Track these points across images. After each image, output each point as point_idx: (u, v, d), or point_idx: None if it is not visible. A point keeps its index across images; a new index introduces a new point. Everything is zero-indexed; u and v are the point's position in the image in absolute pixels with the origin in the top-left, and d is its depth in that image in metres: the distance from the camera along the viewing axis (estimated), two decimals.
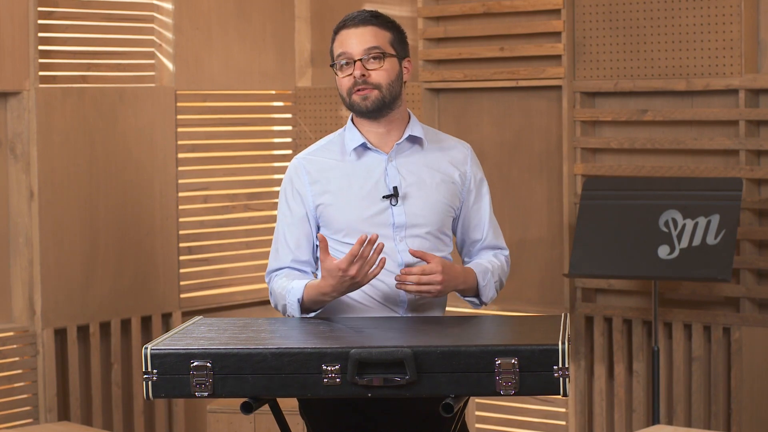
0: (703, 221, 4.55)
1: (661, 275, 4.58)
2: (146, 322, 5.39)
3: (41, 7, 5.04)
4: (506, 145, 5.39)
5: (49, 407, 5.03)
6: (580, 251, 4.73)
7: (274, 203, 5.83)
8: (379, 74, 3.12)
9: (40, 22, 5.02)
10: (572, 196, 5.15)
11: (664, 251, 4.60)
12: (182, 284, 5.52)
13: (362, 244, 2.93)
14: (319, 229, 3.19)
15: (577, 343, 5.17)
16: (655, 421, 4.73)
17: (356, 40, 3.13)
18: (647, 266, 4.59)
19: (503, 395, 2.64)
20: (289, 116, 6.01)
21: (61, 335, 5.11)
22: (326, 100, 5.90)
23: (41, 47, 5.04)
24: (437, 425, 2.93)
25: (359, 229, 3.10)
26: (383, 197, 3.14)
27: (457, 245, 3.33)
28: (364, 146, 3.19)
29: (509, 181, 5.38)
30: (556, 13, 5.18)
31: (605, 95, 5.13)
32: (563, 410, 5.27)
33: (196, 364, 2.70)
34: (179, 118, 5.51)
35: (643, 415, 5.05)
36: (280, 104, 6.01)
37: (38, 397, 5.03)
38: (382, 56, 3.13)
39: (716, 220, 4.53)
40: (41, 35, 5.04)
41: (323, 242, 2.99)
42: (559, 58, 5.17)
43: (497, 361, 2.64)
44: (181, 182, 5.52)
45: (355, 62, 3.12)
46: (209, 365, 2.70)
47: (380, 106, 3.14)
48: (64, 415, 5.13)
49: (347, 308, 3.14)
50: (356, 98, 3.13)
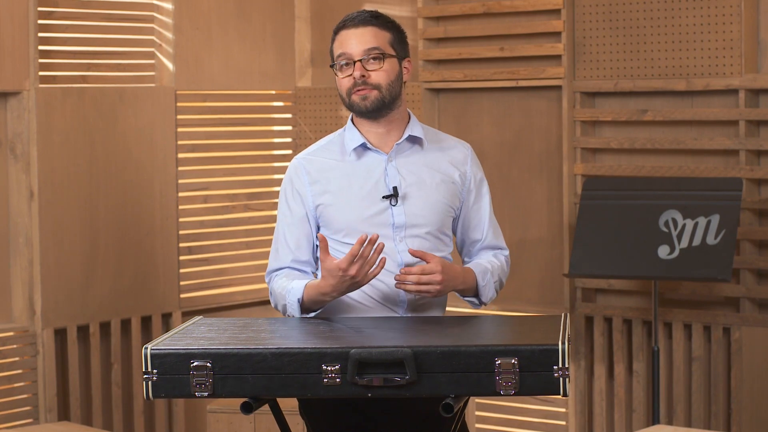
0: (703, 221, 4.55)
1: (661, 275, 4.58)
2: (146, 322, 5.39)
3: (41, 7, 5.04)
4: (506, 145, 5.39)
5: (49, 407, 5.03)
6: (580, 251, 4.73)
7: (274, 203, 5.83)
8: (378, 75, 3.12)
9: (40, 22, 5.02)
10: (572, 196, 5.15)
11: (664, 251, 4.59)
12: (182, 284, 5.52)
13: (362, 243, 2.93)
14: (319, 229, 3.20)
15: (577, 343, 5.17)
16: (655, 421, 4.73)
17: (356, 40, 3.13)
18: (647, 266, 4.59)
19: (503, 395, 2.64)
20: (289, 116, 6.01)
21: (61, 335, 5.11)
22: (326, 100, 5.90)
23: (41, 47, 5.04)
24: (437, 425, 2.93)
25: (359, 229, 3.10)
26: (383, 197, 3.14)
27: (457, 245, 3.33)
28: (363, 146, 3.19)
29: (509, 181, 5.38)
30: (556, 13, 5.18)
31: (605, 95, 5.13)
32: (563, 410, 5.27)
33: (196, 364, 2.70)
34: (179, 118, 5.51)
35: (643, 415, 5.05)
36: (280, 104, 6.01)
37: (38, 397, 5.03)
38: (381, 57, 3.13)
39: (716, 220, 4.53)
40: (41, 35, 5.04)
41: (323, 242, 2.99)
42: (559, 58, 5.17)
43: (497, 361, 2.64)
44: (181, 182, 5.52)
45: (354, 63, 3.12)
46: (209, 365, 2.70)
47: (380, 106, 3.14)
48: (64, 415, 5.13)
49: (347, 308, 3.14)
50: (356, 98, 3.14)
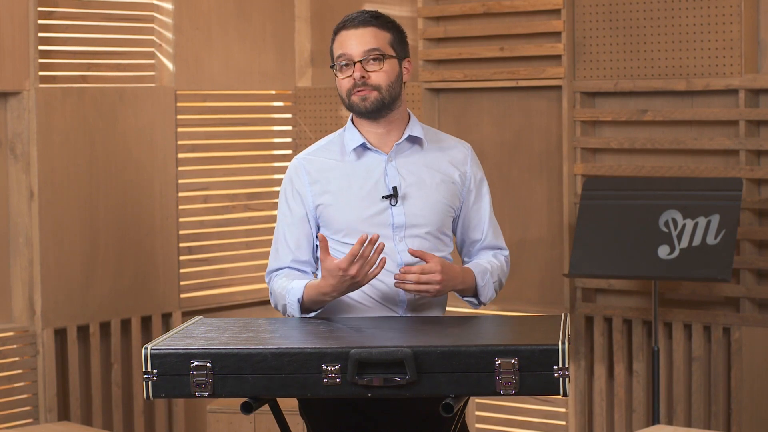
0: (703, 221, 4.55)
1: (661, 275, 4.58)
2: (146, 322, 5.39)
3: (41, 7, 5.04)
4: (506, 145, 5.39)
5: (49, 407, 5.03)
6: (580, 251, 4.73)
7: (274, 203, 5.83)
8: (378, 76, 3.12)
9: (40, 22, 5.02)
10: (572, 196, 5.15)
11: (664, 251, 4.59)
12: (182, 284, 5.52)
13: (363, 243, 2.93)
14: (319, 229, 3.19)
15: (577, 343, 5.17)
16: (655, 421, 4.73)
17: (356, 41, 3.12)
18: (647, 266, 4.59)
19: (503, 395, 2.64)
20: (289, 116, 6.01)
21: (61, 335, 5.11)
22: (326, 100, 5.90)
23: (41, 47, 5.04)
24: (437, 425, 2.92)
25: (359, 229, 3.10)
26: (383, 197, 3.14)
27: (456, 245, 3.33)
28: (363, 146, 3.18)
29: (509, 181, 5.38)
30: (556, 13, 5.18)
31: (605, 95, 5.13)
32: (563, 410, 5.27)
33: (196, 364, 2.70)
34: (179, 118, 5.51)
35: (643, 415, 5.05)
36: (280, 104, 6.01)
37: (38, 397, 5.03)
38: (381, 58, 3.12)
39: (716, 220, 4.53)
40: (41, 35, 5.04)
41: (323, 242, 2.99)
42: (559, 58, 5.17)
43: (497, 361, 2.64)
44: (181, 182, 5.52)
45: (354, 64, 3.12)
46: (209, 365, 2.70)
47: (380, 107, 3.14)
48: (64, 415, 5.13)
49: (347, 308, 3.14)
50: (356, 99, 3.13)
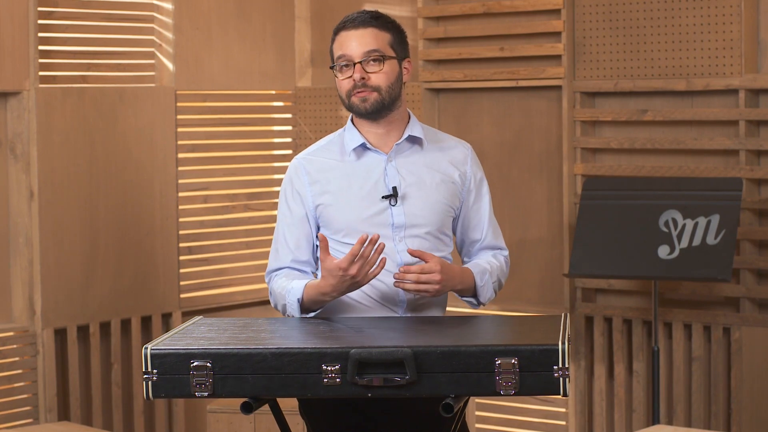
0: (703, 221, 4.55)
1: (661, 275, 4.58)
2: (146, 322, 5.39)
3: (41, 7, 5.04)
4: (506, 145, 5.39)
5: (49, 407, 5.03)
6: (580, 251, 4.73)
7: (274, 203, 5.83)
8: (378, 77, 3.12)
9: (40, 22, 5.02)
10: (572, 196, 5.15)
11: (664, 251, 4.59)
12: (182, 284, 5.52)
13: (363, 243, 2.93)
14: (319, 229, 3.19)
15: (577, 343, 5.17)
16: (655, 421, 4.73)
17: (356, 42, 3.12)
18: (647, 266, 4.59)
19: (503, 395, 2.64)
20: (289, 116, 6.01)
21: (61, 335, 5.11)
22: (326, 100, 5.90)
23: (41, 47, 5.04)
24: (437, 425, 2.92)
25: (359, 229, 3.10)
26: (382, 197, 3.14)
27: (456, 245, 3.33)
28: (363, 146, 3.18)
29: (509, 181, 5.38)
30: (556, 13, 5.18)
31: (605, 95, 5.13)
32: (563, 410, 5.27)
33: (196, 364, 2.70)
34: (179, 118, 5.51)
35: (643, 415, 5.05)
36: (280, 104, 6.01)
37: (38, 397, 5.03)
38: (381, 59, 3.12)
39: (716, 220, 4.53)
40: (41, 35, 5.04)
41: (323, 242, 2.99)
42: (559, 58, 5.17)
43: (497, 361, 2.64)
44: (181, 182, 5.52)
45: (354, 65, 3.12)
46: (209, 365, 2.70)
47: (379, 108, 3.14)
48: (64, 415, 5.13)
49: (347, 308, 3.14)
50: (355, 100, 3.13)
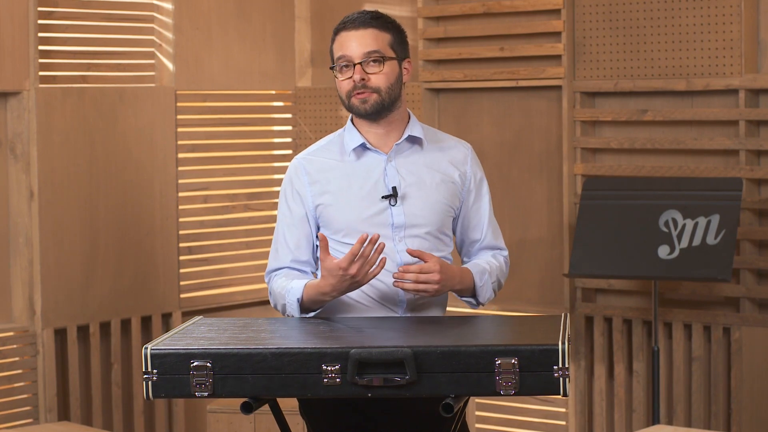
0: (703, 221, 4.55)
1: (661, 275, 4.58)
2: (146, 322, 5.39)
3: (41, 7, 5.04)
4: (506, 145, 5.39)
5: (49, 407, 5.03)
6: (580, 251, 4.73)
7: (274, 203, 5.83)
8: (378, 78, 3.12)
9: (40, 22, 5.02)
10: (572, 196, 5.15)
11: (664, 251, 4.59)
12: (182, 284, 5.52)
13: (363, 243, 2.93)
14: (318, 229, 3.19)
15: (577, 343, 5.17)
16: (655, 421, 4.73)
17: (356, 43, 3.12)
18: (647, 266, 4.59)
19: (503, 395, 2.64)
20: (289, 116, 6.00)
21: (61, 335, 5.11)
22: (326, 100, 5.90)
23: (41, 47, 5.04)
24: (437, 425, 2.92)
25: (359, 229, 3.10)
26: (382, 197, 3.14)
27: (456, 245, 3.33)
28: (363, 146, 3.18)
29: (509, 181, 5.38)
30: (556, 13, 5.18)
31: (605, 95, 5.12)
32: (563, 410, 5.27)
33: (196, 364, 2.70)
34: (179, 118, 5.51)
35: (643, 415, 5.04)
36: (280, 104, 6.01)
37: (38, 397, 5.03)
38: (381, 60, 3.12)
39: (716, 220, 4.53)
40: (41, 35, 5.04)
41: (323, 241, 2.99)
42: (559, 58, 5.17)
43: (497, 361, 2.64)
44: (181, 182, 5.52)
45: (354, 65, 3.11)
46: (209, 365, 2.70)
47: (379, 109, 3.14)
48: (64, 415, 5.13)
49: (346, 308, 3.14)
50: (355, 101, 3.13)
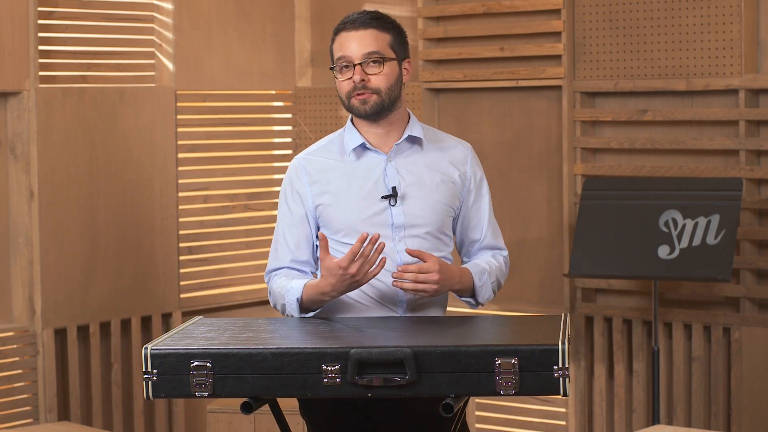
0: (703, 221, 4.55)
1: (661, 275, 4.58)
2: (146, 322, 5.39)
3: (41, 7, 5.04)
4: (506, 145, 5.39)
5: (49, 407, 5.03)
6: (580, 251, 4.73)
7: (274, 203, 5.83)
8: (378, 79, 3.11)
9: (40, 22, 5.02)
10: (572, 196, 5.15)
11: (664, 251, 4.59)
12: (182, 284, 5.52)
13: (363, 242, 2.93)
14: (318, 229, 3.19)
15: (577, 343, 5.17)
16: (655, 421, 4.73)
17: (356, 43, 3.12)
18: (647, 266, 4.59)
19: (503, 395, 2.64)
20: (289, 116, 6.01)
21: (61, 335, 5.11)
22: (326, 100, 5.90)
23: (41, 47, 5.04)
24: (437, 425, 2.92)
25: (359, 229, 3.10)
26: (382, 197, 3.14)
27: (456, 245, 3.33)
28: (363, 146, 3.18)
29: (509, 181, 5.38)
30: (556, 13, 5.18)
31: (605, 95, 5.12)
32: (563, 410, 5.27)
33: (196, 364, 2.70)
34: (179, 118, 5.51)
35: (643, 415, 5.05)
36: (280, 104, 6.01)
37: (38, 397, 5.03)
38: (381, 61, 3.12)
39: (716, 220, 4.53)
40: (41, 35, 5.04)
41: (323, 241, 2.99)
42: (559, 58, 5.17)
43: (497, 361, 2.64)
44: (181, 182, 5.52)
45: (354, 66, 3.11)
46: (209, 365, 2.70)
47: (379, 109, 3.13)
48: (64, 415, 5.13)
49: (346, 308, 3.14)
50: (355, 102, 3.13)
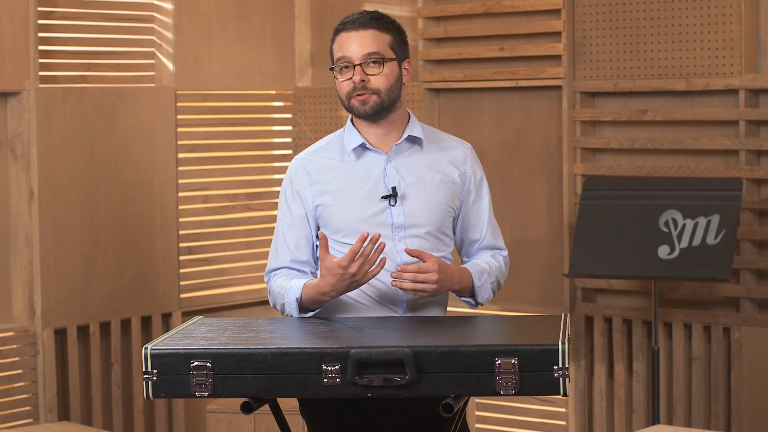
0: (703, 221, 4.55)
1: (661, 275, 4.58)
2: (146, 322, 5.39)
3: (41, 7, 5.04)
4: (506, 145, 5.39)
5: (49, 407, 5.03)
6: (580, 251, 4.73)
7: (274, 203, 5.83)
8: (378, 79, 3.11)
9: (40, 22, 5.02)
10: (572, 196, 5.15)
11: (664, 251, 4.59)
12: (182, 284, 5.52)
13: (364, 241, 2.93)
14: (318, 229, 3.19)
15: (577, 343, 5.17)
16: (655, 421, 4.73)
17: (356, 44, 3.11)
18: (647, 266, 4.59)
19: (503, 395, 2.64)
20: (289, 116, 6.00)
21: (61, 335, 5.11)
22: (326, 100, 5.90)
23: (41, 47, 5.04)
24: (437, 425, 2.92)
25: (359, 229, 3.09)
26: (382, 197, 3.14)
27: (456, 245, 3.33)
28: (363, 146, 3.18)
29: (509, 181, 5.38)
30: (556, 13, 5.18)
31: (605, 95, 5.12)
32: (563, 410, 5.27)
33: (196, 364, 2.70)
34: (179, 118, 5.51)
35: (643, 415, 5.04)
36: (280, 104, 6.01)
37: (38, 397, 5.03)
38: (381, 61, 3.12)
39: (716, 220, 4.53)
40: (41, 35, 5.04)
41: (323, 240, 2.99)
42: (559, 58, 5.17)
43: (497, 361, 2.64)
44: (181, 182, 5.52)
45: (354, 67, 3.11)
46: (209, 365, 2.70)
47: (379, 110, 3.13)
48: (64, 415, 5.13)
49: (346, 307, 3.14)
50: (355, 103, 3.13)
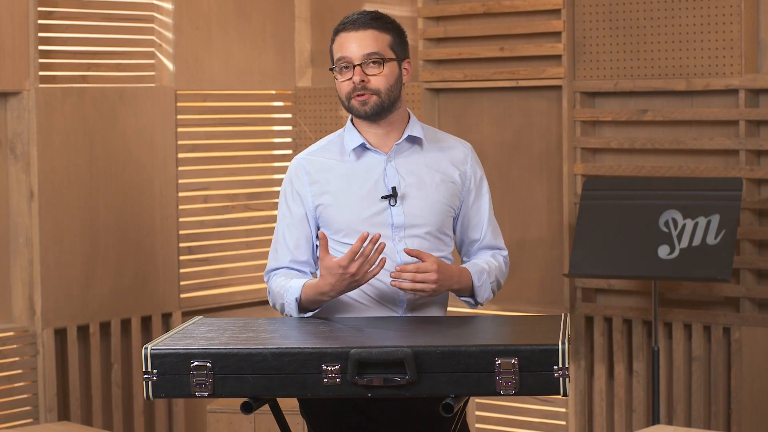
0: (703, 221, 4.55)
1: (661, 275, 4.58)
2: (146, 322, 5.39)
3: (41, 7, 5.04)
4: (506, 145, 5.39)
5: (49, 407, 5.03)
6: (580, 251, 4.73)
7: (274, 203, 5.83)
8: (378, 80, 3.11)
9: (40, 22, 5.02)
10: (572, 196, 5.15)
11: (664, 251, 4.59)
12: (182, 284, 5.52)
13: (364, 241, 2.93)
14: (318, 229, 3.19)
15: (577, 343, 5.17)
16: (655, 421, 4.73)
17: (356, 44, 3.11)
18: (647, 266, 4.59)
19: (503, 395, 2.64)
20: (289, 116, 6.01)
21: (61, 335, 5.11)
22: (326, 100, 5.90)
23: (41, 47, 5.04)
24: (437, 425, 2.92)
25: (358, 229, 3.09)
26: (382, 197, 3.14)
27: (456, 245, 3.33)
28: (363, 147, 3.18)
29: (509, 181, 5.38)
30: (556, 13, 5.18)
31: (605, 95, 5.13)
32: (563, 410, 5.27)
33: (196, 364, 2.70)
34: (179, 118, 5.51)
35: (643, 415, 5.05)
36: (280, 104, 6.01)
37: (38, 397, 5.03)
38: (381, 61, 3.12)
39: (716, 220, 4.53)
40: (41, 35, 5.04)
41: (323, 240, 2.99)
42: (559, 58, 5.17)
43: (497, 361, 2.64)
44: (181, 182, 5.52)
45: (354, 67, 3.11)
46: (209, 365, 2.70)
47: (379, 110, 3.13)
48: (64, 415, 5.13)
49: (346, 307, 3.14)
50: (355, 103, 3.13)
